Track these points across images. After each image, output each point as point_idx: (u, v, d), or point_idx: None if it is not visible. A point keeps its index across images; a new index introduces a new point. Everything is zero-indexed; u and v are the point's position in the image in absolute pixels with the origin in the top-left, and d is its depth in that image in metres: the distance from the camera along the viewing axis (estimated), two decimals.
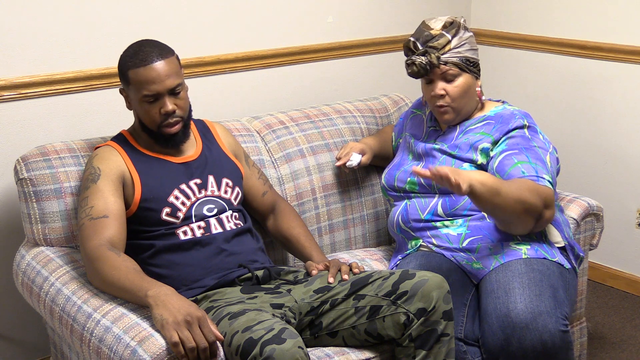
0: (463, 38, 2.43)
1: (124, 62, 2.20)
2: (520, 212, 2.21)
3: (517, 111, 2.47)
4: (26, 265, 2.29)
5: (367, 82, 3.44)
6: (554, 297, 2.20)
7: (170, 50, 2.22)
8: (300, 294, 2.19)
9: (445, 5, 3.60)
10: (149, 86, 2.16)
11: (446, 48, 2.40)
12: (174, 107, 2.20)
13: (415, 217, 2.46)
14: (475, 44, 2.49)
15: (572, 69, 3.46)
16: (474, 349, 2.25)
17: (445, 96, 2.43)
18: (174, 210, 2.23)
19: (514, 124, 2.41)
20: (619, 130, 3.36)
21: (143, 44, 2.21)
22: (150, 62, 2.15)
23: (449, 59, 2.40)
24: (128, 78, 2.18)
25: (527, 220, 2.25)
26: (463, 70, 2.42)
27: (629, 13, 3.24)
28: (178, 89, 2.20)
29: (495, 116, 2.47)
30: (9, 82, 2.55)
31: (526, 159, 2.33)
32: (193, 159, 2.32)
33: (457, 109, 2.45)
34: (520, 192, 2.20)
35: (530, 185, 2.24)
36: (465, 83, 2.43)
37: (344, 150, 2.72)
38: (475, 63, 2.45)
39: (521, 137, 2.39)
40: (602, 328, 3.18)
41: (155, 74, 2.15)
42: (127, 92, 2.23)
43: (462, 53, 2.42)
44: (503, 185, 2.19)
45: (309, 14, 3.21)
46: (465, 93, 2.44)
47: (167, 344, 1.83)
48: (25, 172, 2.32)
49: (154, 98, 2.18)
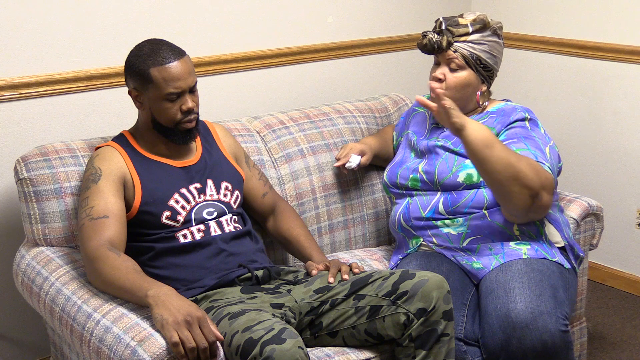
0: (486, 38, 2.42)
1: (141, 61, 2.19)
2: (511, 179, 2.19)
3: (519, 106, 2.48)
4: (26, 265, 2.29)
5: (367, 82, 3.44)
6: (554, 297, 2.19)
7: (183, 50, 2.24)
8: (300, 294, 2.19)
9: (445, 5, 3.60)
10: (175, 83, 2.17)
11: (462, 38, 2.41)
12: (193, 103, 2.23)
13: (416, 215, 2.46)
14: (499, 52, 2.47)
15: (572, 69, 3.46)
16: (474, 349, 2.25)
17: (443, 82, 2.44)
18: (174, 213, 2.23)
19: (515, 117, 2.42)
20: (619, 130, 3.36)
21: (157, 42, 2.22)
22: (173, 59, 2.17)
23: (459, 47, 2.41)
24: (149, 77, 2.17)
25: (521, 193, 2.21)
26: (469, 65, 2.42)
27: (629, 13, 3.24)
28: (196, 86, 2.24)
29: (497, 111, 2.48)
30: (9, 82, 2.55)
31: (525, 146, 2.32)
32: (193, 164, 2.32)
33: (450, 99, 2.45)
34: (517, 159, 2.20)
35: (530, 161, 2.23)
36: (465, 79, 2.43)
37: (343, 151, 2.72)
38: (488, 67, 2.44)
39: (521, 128, 2.39)
40: (602, 328, 3.18)
41: (180, 71, 2.18)
42: (142, 92, 2.22)
43: (476, 50, 2.41)
44: (499, 143, 2.20)
45: (309, 14, 3.21)
46: (463, 88, 2.44)
47: (167, 344, 1.83)
48: (25, 172, 2.32)
49: (177, 96, 2.19)
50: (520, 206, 2.25)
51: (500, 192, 2.27)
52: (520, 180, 2.19)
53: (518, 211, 2.30)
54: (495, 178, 2.22)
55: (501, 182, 2.21)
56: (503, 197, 2.27)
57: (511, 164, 2.18)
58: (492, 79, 2.49)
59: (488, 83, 2.48)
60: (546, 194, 2.24)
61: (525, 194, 2.21)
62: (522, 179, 2.19)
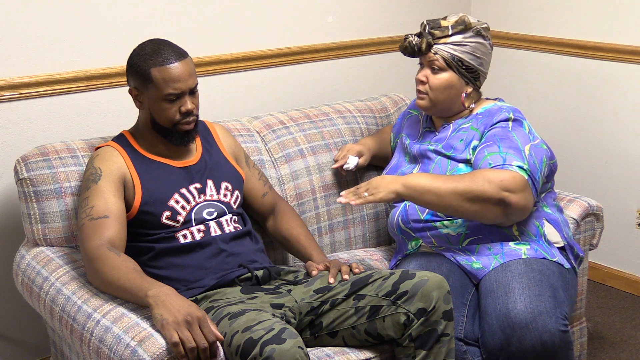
0: (468, 40, 2.42)
1: (142, 61, 2.19)
2: (466, 201, 2.22)
3: (505, 106, 2.47)
4: (26, 265, 2.29)
5: (367, 82, 3.44)
6: (554, 297, 2.20)
7: (186, 51, 2.24)
8: (300, 294, 2.19)
9: (445, 5, 3.60)
10: (174, 84, 2.17)
11: (441, 40, 2.41)
12: (193, 105, 2.22)
13: (415, 217, 2.46)
14: (485, 53, 2.45)
15: (572, 69, 3.46)
16: (474, 349, 2.25)
17: (426, 83, 2.45)
18: (174, 214, 2.23)
19: (498, 118, 2.41)
20: (619, 130, 3.36)
21: (160, 43, 2.22)
22: (175, 60, 2.17)
23: (439, 50, 2.41)
24: (150, 76, 2.17)
25: (485, 207, 2.23)
26: (450, 67, 2.42)
27: (629, 13, 3.24)
28: (196, 88, 2.23)
29: (484, 112, 2.48)
30: (9, 82, 2.55)
31: (497, 149, 2.32)
32: (193, 164, 2.32)
33: (434, 100, 2.46)
34: (460, 181, 2.23)
35: (477, 174, 2.25)
36: (447, 80, 2.43)
37: (341, 152, 2.72)
38: (470, 68, 2.43)
39: (501, 129, 2.39)
40: (602, 328, 3.18)
41: (181, 72, 2.17)
42: (142, 91, 2.22)
43: (457, 52, 2.41)
44: (437, 181, 2.24)
45: (309, 14, 3.21)
46: (445, 90, 2.44)
47: (167, 344, 1.83)
48: (25, 172, 2.32)
49: (177, 97, 2.19)
50: (492, 218, 2.28)
51: (467, 216, 2.30)
52: (476, 197, 2.22)
53: (495, 221, 2.32)
54: (453, 209, 2.26)
55: (460, 209, 2.25)
56: (473, 217, 2.30)
57: (458, 191, 2.21)
58: (478, 80, 2.48)
59: (474, 84, 2.47)
60: (512, 194, 2.23)
61: (489, 206, 2.23)
62: (476, 195, 2.21)
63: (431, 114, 2.55)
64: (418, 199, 2.27)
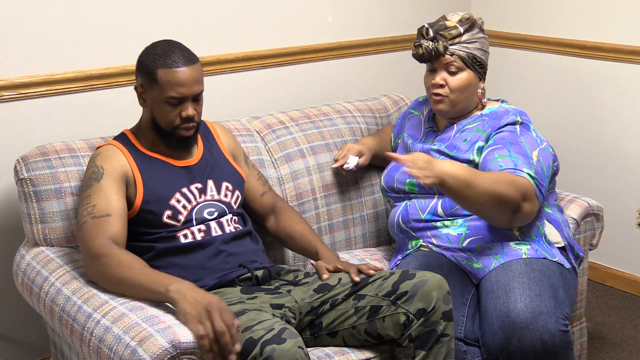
0: (475, 36, 2.43)
1: (151, 60, 2.18)
2: (493, 205, 2.20)
3: (512, 109, 2.47)
4: (26, 265, 2.29)
5: (367, 82, 3.44)
6: (554, 297, 2.20)
7: (196, 57, 2.22)
8: (300, 294, 2.19)
9: (445, 5, 3.60)
10: (177, 89, 2.16)
11: (456, 40, 2.41)
12: (194, 112, 2.21)
13: (415, 217, 2.46)
14: (488, 47, 2.49)
15: (572, 69, 3.46)
16: (474, 349, 2.25)
17: (445, 86, 2.44)
18: (175, 213, 2.23)
19: (505, 121, 2.42)
20: (619, 130, 3.36)
21: (172, 45, 2.21)
22: (182, 65, 2.16)
23: (456, 50, 2.41)
24: (155, 77, 2.17)
25: (503, 213, 2.24)
26: (467, 66, 2.42)
27: (629, 13, 3.24)
28: (200, 95, 2.22)
29: (490, 114, 2.48)
30: (9, 82, 2.55)
31: (507, 153, 2.32)
32: (194, 163, 2.32)
33: (454, 102, 2.45)
34: (496, 184, 2.19)
35: (506, 177, 2.23)
36: (467, 79, 2.43)
37: (342, 152, 2.72)
38: (482, 64, 2.46)
39: (509, 132, 2.39)
40: (602, 328, 3.18)
41: (186, 77, 2.16)
42: (147, 90, 2.21)
43: (470, 49, 2.42)
44: (477, 178, 2.18)
45: (309, 14, 3.21)
46: (465, 88, 2.44)
47: (167, 345, 1.83)
48: (25, 172, 2.32)
49: (179, 101, 2.18)
50: (502, 221, 2.29)
51: (483, 215, 2.30)
52: (502, 202, 2.21)
53: (501, 225, 2.33)
54: (478, 208, 2.25)
55: (484, 209, 2.24)
56: (486, 218, 2.31)
57: (491, 193, 2.19)
58: (485, 75, 2.50)
59: (484, 79, 2.49)
60: (527, 203, 2.25)
61: (507, 212, 2.24)
62: (503, 199, 2.20)
63: (448, 117, 2.52)
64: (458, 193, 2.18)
